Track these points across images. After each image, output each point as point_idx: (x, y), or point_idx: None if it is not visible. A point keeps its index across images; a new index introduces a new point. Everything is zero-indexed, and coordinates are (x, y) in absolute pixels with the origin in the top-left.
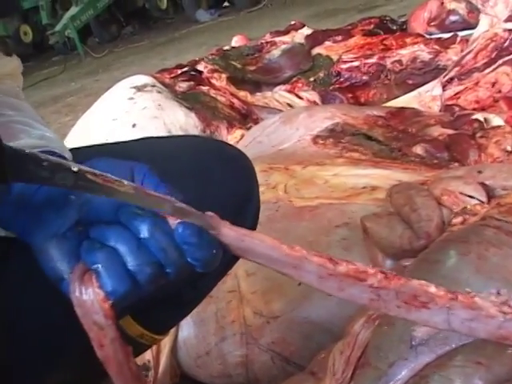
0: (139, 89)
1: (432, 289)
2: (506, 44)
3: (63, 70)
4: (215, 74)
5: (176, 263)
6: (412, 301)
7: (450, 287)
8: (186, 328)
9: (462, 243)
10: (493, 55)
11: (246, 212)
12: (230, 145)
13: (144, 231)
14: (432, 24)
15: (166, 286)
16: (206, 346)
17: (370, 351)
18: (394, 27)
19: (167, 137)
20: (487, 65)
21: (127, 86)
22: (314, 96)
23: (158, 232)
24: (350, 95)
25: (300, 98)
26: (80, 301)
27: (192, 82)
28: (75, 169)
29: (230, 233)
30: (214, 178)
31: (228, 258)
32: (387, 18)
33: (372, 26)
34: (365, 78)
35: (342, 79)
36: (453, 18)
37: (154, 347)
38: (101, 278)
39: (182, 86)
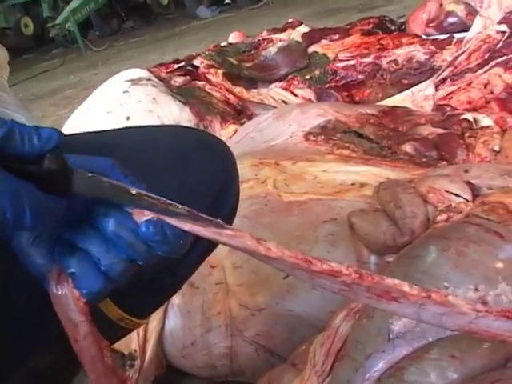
0: (134, 82)
1: (405, 288)
2: (498, 46)
3: (63, 62)
4: (211, 70)
5: (145, 256)
6: (383, 294)
7: (430, 282)
8: (173, 319)
9: (442, 239)
10: (486, 56)
11: (224, 199)
12: (210, 134)
13: (111, 230)
14: (430, 25)
15: (143, 273)
16: (191, 337)
17: (348, 343)
18: (393, 27)
19: (149, 126)
20: (480, 66)
21: (122, 79)
22: (309, 94)
23: (124, 230)
24: (345, 94)
25: (295, 95)
26: (56, 298)
27: (188, 77)
28: (134, 192)
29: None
30: (193, 165)
31: (206, 244)
32: (386, 19)
33: (371, 25)
34: (360, 76)
35: (337, 77)
36: (451, 19)
37: (141, 337)
38: (75, 280)
39: (178, 80)
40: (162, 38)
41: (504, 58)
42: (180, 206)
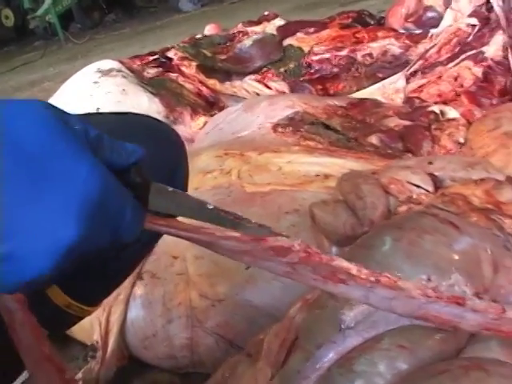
0: (104, 73)
1: (353, 271)
2: (469, 39)
3: (42, 55)
4: (185, 62)
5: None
6: (330, 276)
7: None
8: (135, 310)
9: (396, 229)
10: (456, 50)
11: (175, 179)
12: (157, 119)
13: None
14: (409, 20)
15: (87, 259)
16: (152, 328)
17: (300, 334)
18: (372, 22)
19: (96, 113)
20: (450, 59)
21: (93, 70)
22: (282, 86)
23: None
24: (319, 87)
25: (269, 87)
26: None
27: (161, 69)
28: (210, 207)
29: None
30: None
31: (153, 232)
32: (365, 13)
33: (350, 20)
34: (335, 70)
35: (312, 71)
36: (430, 14)
37: (103, 328)
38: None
39: (150, 72)
40: (143, 31)
41: (474, 51)
42: (253, 220)
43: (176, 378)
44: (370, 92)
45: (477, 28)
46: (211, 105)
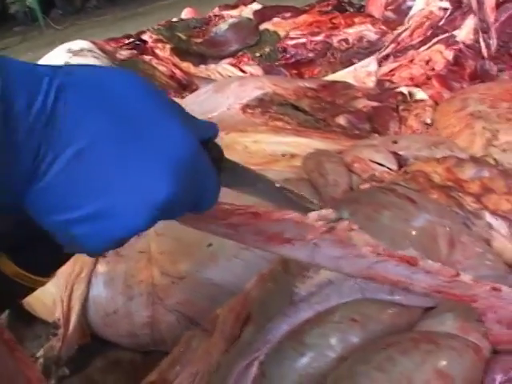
0: (75, 53)
1: (307, 220)
2: (441, 22)
3: (22, 40)
4: (159, 44)
5: None
6: (274, 237)
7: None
8: (96, 287)
9: (353, 204)
10: (428, 33)
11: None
12: None
13: None
14: (389, 8)
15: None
16: (114, 305)
17: (254, 307)
18: (352, 10)
19: None
20: (422, 43)
21: (64, 50)
22: (257, 70)
23: None
24: (294, 72)
25: (244, 72)
26: None
27: (134, 51)
28: (278, 185)
29: None
30: None
31: None
32: (345, 0)
33: (329, 7)
34: (310, 55)
35: (287, 55)
36: (410, 2)
37: (65, 305)
38: None
39: (124, 53)
40: (125, 17)
41: (446, 34)
42: (315, 200)
43: (137, 355)
44: (342, 75)
45: (449, 11)
46: (184, 87)
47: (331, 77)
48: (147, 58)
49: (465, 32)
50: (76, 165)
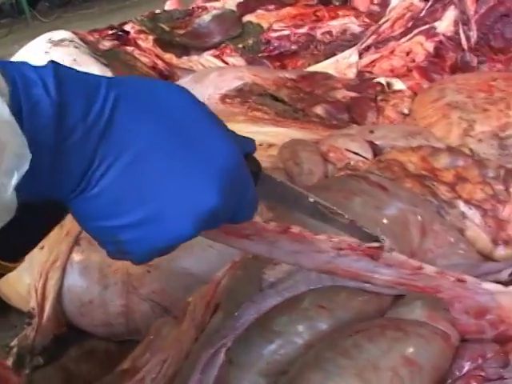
0: (56, 43)
1: (258, 225)
2: (421, 14)
3: (8, 32)
4: (142, 35)
5: None
6: (234, 232)
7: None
8: (71, 276)
9: (323, 191)
10: (409, 25)
11: None
12: None
13: None
14: (375, 2)
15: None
16: (89, 295)
17: (224, 294)
18: (337, 3)
19: None
20: (403, 34)
21: (44, 40)
22: (240, 62)
23: None
24: (277, 64)
25: (226, 63)
26: None
27: (116, 42)
28: (311, 200)
29: None
30: None
31: None
32: None
33: (315, 0)
34: (294, 47)
35: (271, 47)
36: None
37: (39, 294)
38: None
39: (106, 44)
40: (112, 10)
41: (426, 26)
42: (346, 216)
43: (112, 345)
44: (324, 66)
45: (429, 3)
46: (166, 78)
47: (313, 68)
48: (129, 48)
49: (445, 24)
50: (130, 172)
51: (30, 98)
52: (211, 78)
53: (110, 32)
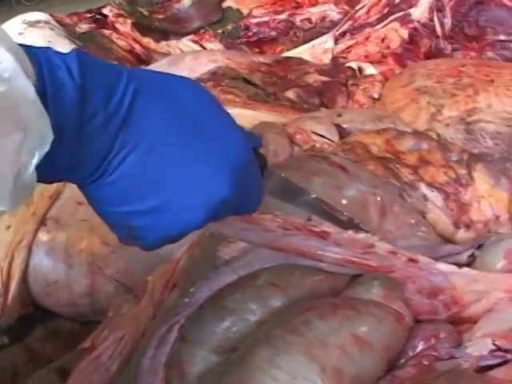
0: (31, 24)
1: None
2: (397, 0)
3: None
4: (120, 19)
5: None
6: None
7: (264, 211)
8: (37, 256)
9: (282, 170)
10: (384, 11)
11: None
12: None
13: None
14: None
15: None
16: (54, 275)
17: (180, 273)
18: None
19: None
20: (379, 20)
21: (19, 21)
22: (218, 48)
23: None
24: (256, 50)
25: (204, 49)
26: None
27: (94, 25)
28: (313, 196)
29: None
30: None
31: None
32: None
33: None
34: (273, 33)
35: (250, 33)
36: None
37: (4, 274)
38: None
39: (83, 27)
40: None
41: (401, 13)
42: (345, 212)
43: (77, 325)
44: (300, 52)
45: None
46: (143, 62)
47: (288, 53)
48: (107, 32)
49: (420, 10)
50: (146, 160)
51: (54, 81)
52: (186, 62)
53: (89, 15)
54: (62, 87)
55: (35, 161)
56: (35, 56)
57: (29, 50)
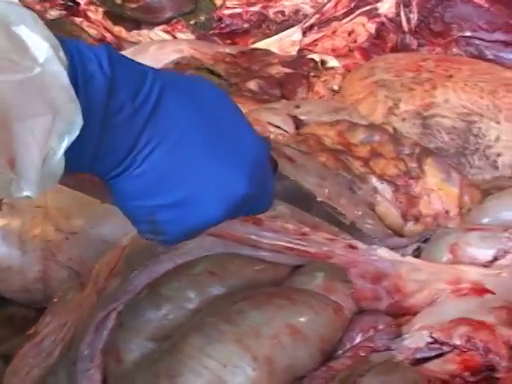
0: None
1: None
2: None
3: None
4: (92, 7)
5: None
6: None
7: None
8: None
9: None
10: (352, 5)
11: None
12: None
13: None
14: None
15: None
16: (8, 261)
17: (122, 261)
18: None
19: None
20: (346, 14)
21: None
22: (190, 38)
23: None
24: (228, 41)
25: (176, 38)
26: None
27: (64, 12)
28: (319, 199)
29: None
30: None
31: None
32: None
33: None
34: (246, 25)
35: (222, 25)
36: None
37: None
38: None
39: (53, 14)
40: None
41: (368, 7)
42: (347, 215)
43: (31, 311)
44: (267, 43)
45: None
46: None
47: (256, 44)
48: (78, 19)
49: (387, 5)
50: (172, 154)
51: (85, 70)
52: (151, 51)
53: (61, 2)
54: (92, 78)
55: (64, 145)
56: (68, 47)
57: (62, 41)
